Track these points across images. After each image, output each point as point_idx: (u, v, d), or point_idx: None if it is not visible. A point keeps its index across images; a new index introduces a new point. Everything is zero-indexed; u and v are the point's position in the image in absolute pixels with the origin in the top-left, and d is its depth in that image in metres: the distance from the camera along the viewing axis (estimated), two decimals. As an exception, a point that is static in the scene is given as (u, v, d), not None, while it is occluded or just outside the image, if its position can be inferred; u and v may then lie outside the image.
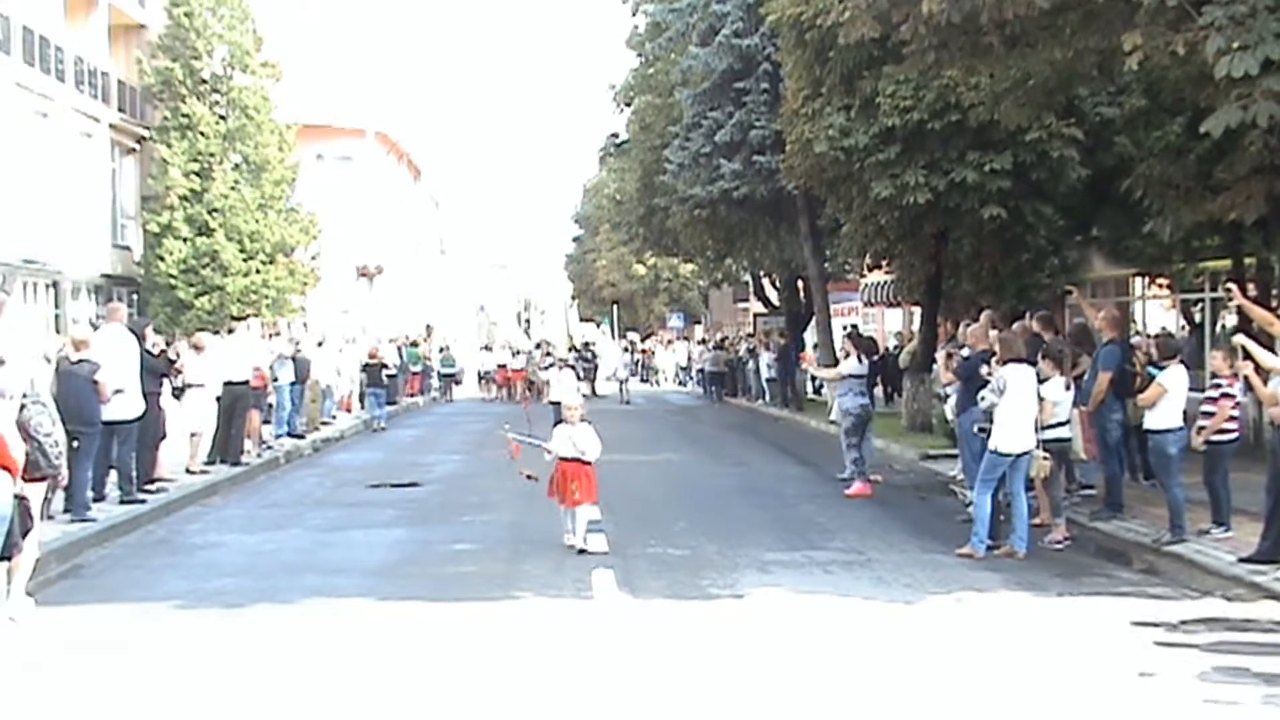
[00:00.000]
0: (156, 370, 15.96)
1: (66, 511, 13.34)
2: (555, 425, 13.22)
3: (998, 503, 12.34)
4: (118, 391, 14.40)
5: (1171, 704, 7.25)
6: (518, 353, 42.99)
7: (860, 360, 17.15)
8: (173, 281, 35.77)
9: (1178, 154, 16.20)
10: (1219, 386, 11.95)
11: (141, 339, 15.58)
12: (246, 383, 19.33)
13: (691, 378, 49.09)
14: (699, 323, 70.50)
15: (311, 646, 8.84)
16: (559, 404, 21.52)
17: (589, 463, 12.44)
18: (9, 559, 9.24)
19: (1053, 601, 10.19)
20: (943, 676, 7.92)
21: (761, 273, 42.66)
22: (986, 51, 13.68)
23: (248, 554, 12.77)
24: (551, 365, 25.58)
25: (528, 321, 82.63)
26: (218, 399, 18.88)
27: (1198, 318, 23.05)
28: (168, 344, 18.05)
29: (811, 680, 7.83)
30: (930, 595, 10.34)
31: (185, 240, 36.08)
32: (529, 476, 12.96)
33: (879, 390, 25.07)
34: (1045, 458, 12.26)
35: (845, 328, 34.46)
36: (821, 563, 11.80)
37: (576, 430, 12.57)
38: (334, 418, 28.15)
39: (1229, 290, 12.65)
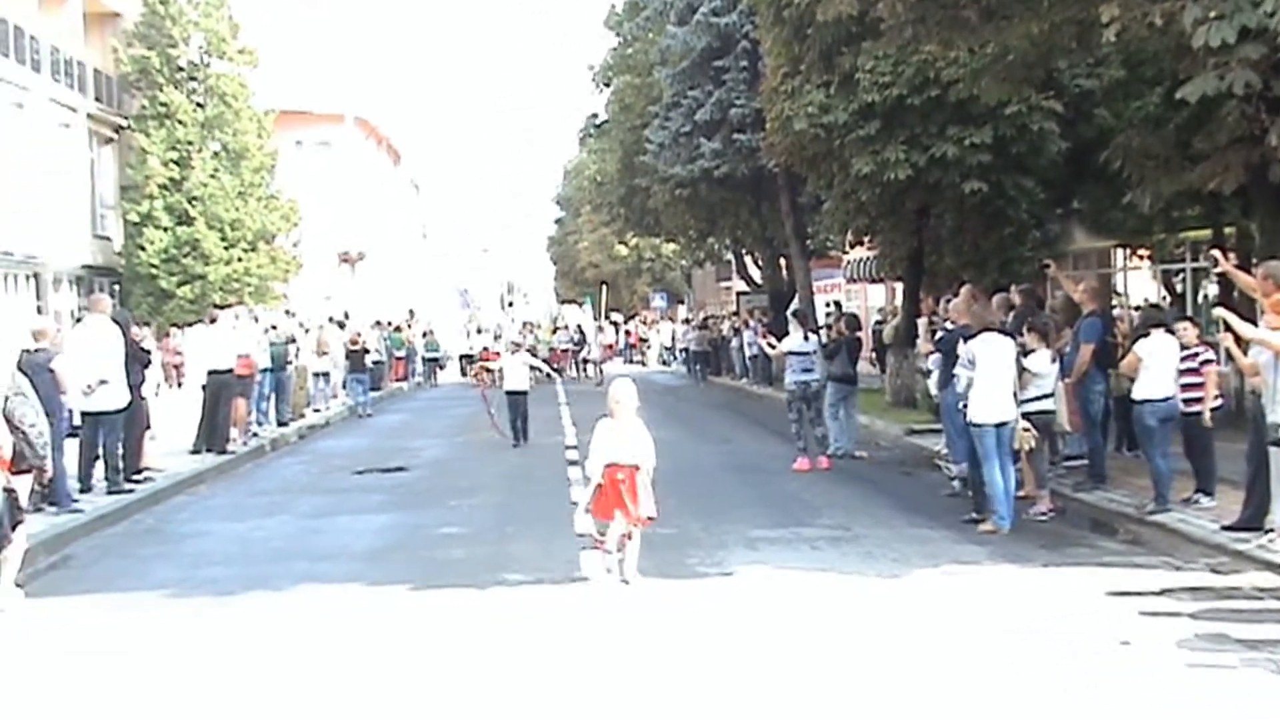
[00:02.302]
0: (140, 361, 15.95)
1: (52, 504, 13.26)
2: (598, 420, 10.38)
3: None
4: (102, 382, 14.42)
5: (1152, 670, 7.31)
6: (499, 335, 42.91)
7: (806, 338, 17.19)
8: (154, 271, 35.73)
9: (1157, 125, 16.22)
10: (1196, 356, 12.04)
11: (125, 329, 15.55)
12: (230, 370, 19.28)
13: (676, 357, 49.09)
14: (682, 302, 70.46)
15: (305, 634, 8.86)
16: (515, 393, 20.96)
17: (639, 468, 10.13)
18: (-2, 551, 9.28)
19: (1038, 572, 10.24)
20: (930, 649, 7.97)
21: (744, 251, 42.64)
22: (964, 25, 13.71)
23: (237, 542, 12.77)
24: (514, 349, 22.94)
25: (511, 304, 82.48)
26: (203, 387, 18.94)
27: (1179, 288, 23.15)
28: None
29: (803, 656, 7.87)
30: (917, 569, 10.38)
31: (165, 229, 36.02)
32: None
33: (866, 366, 25.04)
34: (1026, 429, 12.28)
35: (828, 305, 34.60)
36: (809, 539, 11.85)
37: (631, 429, 10.14)
38: (327, 406, 28.10)
39: (1213, 258, 12.67)
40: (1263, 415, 10.21)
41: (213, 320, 20.28)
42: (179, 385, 19.37)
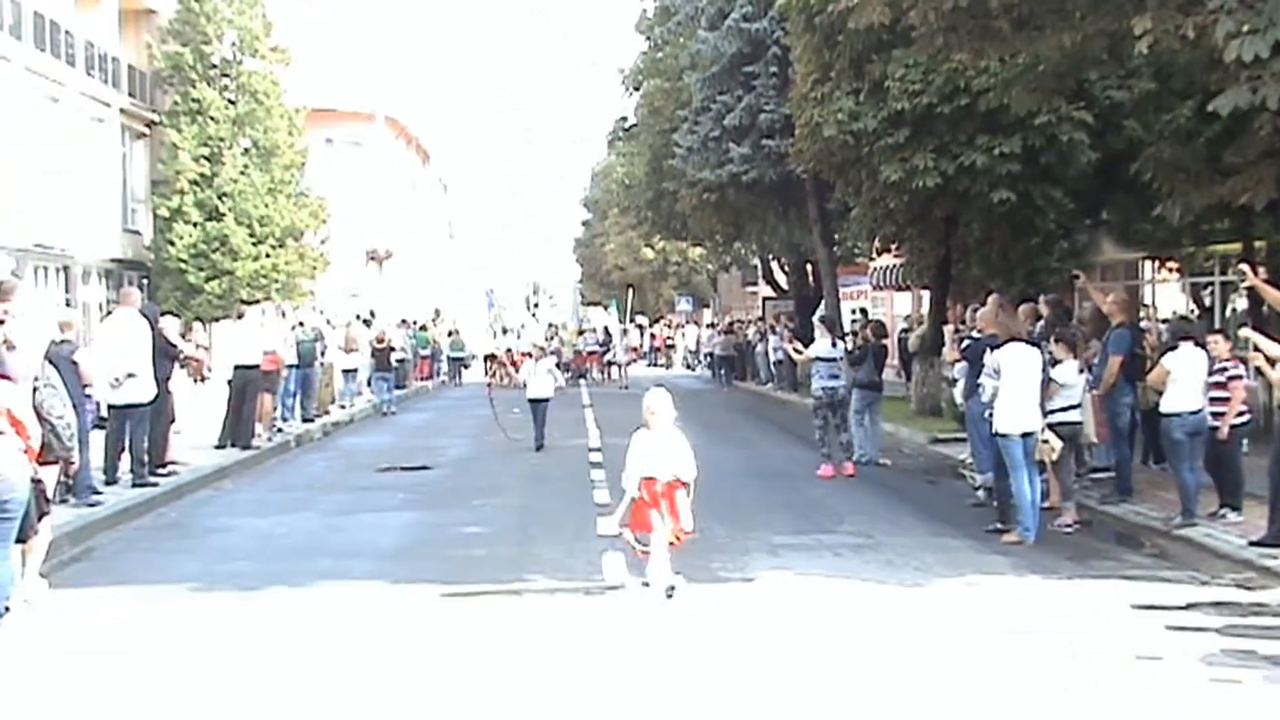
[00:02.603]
0: (168, 354, 16.01)
1: (75, 496, 13.29)
2: (635, 432, 10.18)
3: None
4: (130, 375, 14.49)
5: (1174, 685, 7.28)
6: (520, 335, 42.94)
7: (833, 344, 17.21)
8: (183, 266, 35.86)
9: (1188, 137, 16.16)
10: (1224, 370, 11.95)
11: (154, 323, 15.63)
12: (257, 366, 19.36)
13: (700, 361, 49.04)
14: (707, 306, 70.41)
15: (327, 631, 8.89)
16: (537, 400, 20.67)
17: (684, 483, 9.86)
18: (24, 542, 9.31)
19: (1062, 584, 10.20)
20: (950, 658, 7.95)
21: (770, 256, 42.63)
22: (995, 35, 13.65)
23: (260, 537, 12.83)
24: (538, 355, 22.61)
25: (536, 305, 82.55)
26: (229, 382, 19.03)
27: (1207, 301, 23.02)
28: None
29: (822, 662, 7.87)
30: (939, 578, 10.36)
31: (195, 225, 36.15)
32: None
33: (892, 374, 24.99)
34: (1045, 440, 12.20)
35: (854, 311, 34.51)
36: (831, 546, 11.83)
37: (668, 440, 9.97)
38: (352, 403, 28.25)
39: (1242, 271, 12.59)
40: (1289, 430, 10.15)
41: (240, 316, 20.38)
42: (201, 380, 19.35)
